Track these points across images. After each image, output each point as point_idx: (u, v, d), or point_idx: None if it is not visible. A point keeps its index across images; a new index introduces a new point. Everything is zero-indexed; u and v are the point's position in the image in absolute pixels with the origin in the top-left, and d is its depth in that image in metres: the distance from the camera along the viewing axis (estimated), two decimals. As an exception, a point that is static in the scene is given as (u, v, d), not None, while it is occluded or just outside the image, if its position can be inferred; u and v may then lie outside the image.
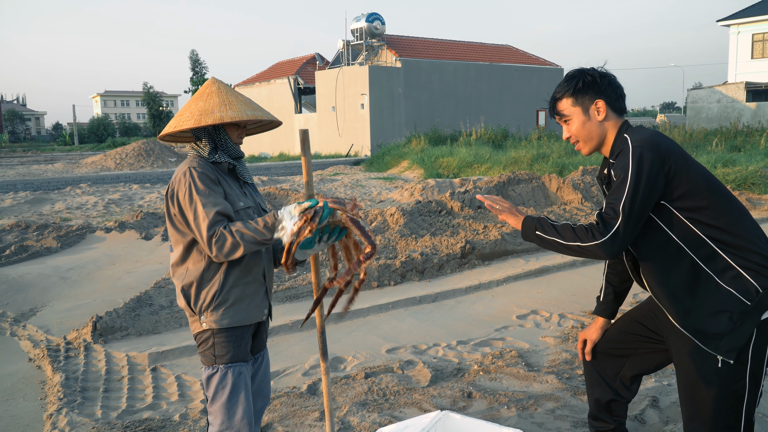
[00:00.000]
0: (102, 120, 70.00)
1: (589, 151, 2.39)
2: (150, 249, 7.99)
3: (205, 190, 2.29)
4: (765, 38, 34.21)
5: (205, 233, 2.24)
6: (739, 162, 14.60)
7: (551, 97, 2.43)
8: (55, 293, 6.24)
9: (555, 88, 2.43)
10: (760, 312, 2.12)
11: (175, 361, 4.45)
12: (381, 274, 6.40)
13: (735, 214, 2.18)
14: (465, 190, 9.82)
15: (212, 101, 2.37)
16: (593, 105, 2.32)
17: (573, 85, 2.33)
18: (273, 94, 34.40)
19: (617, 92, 2.35)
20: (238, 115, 2.32)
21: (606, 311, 2.69)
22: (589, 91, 2.32)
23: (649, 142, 2.17)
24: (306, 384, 3.96)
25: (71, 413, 3.59)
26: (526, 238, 2.37)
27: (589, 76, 2.33)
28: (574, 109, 2.34)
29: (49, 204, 13.50)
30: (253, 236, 2.22)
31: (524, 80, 33.50)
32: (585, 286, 6.26)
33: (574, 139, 2.38)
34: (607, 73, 2.36)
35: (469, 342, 4.73)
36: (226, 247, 2.23)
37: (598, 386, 2.73)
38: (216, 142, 2.43)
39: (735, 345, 2.13)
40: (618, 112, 2.35)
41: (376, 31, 29.33)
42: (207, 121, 2.30)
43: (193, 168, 2.33)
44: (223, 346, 2.39)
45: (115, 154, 26.67)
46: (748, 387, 2.18)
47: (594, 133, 2.34)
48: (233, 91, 2.44)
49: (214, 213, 2.25)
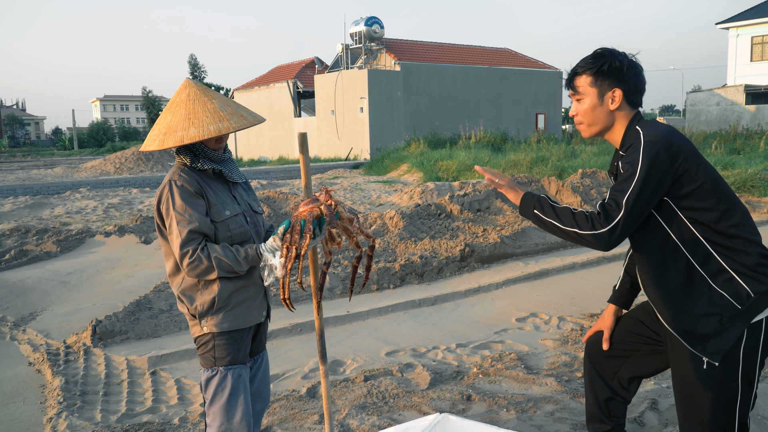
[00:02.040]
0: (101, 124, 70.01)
1: (590, 135, 2.36)
2: (149, 253, 8.00)
3: (182, 205, 2.27)
4: (764, 41, 34.28)
5: (177, 251, 2.25)
6: (738, 165, 14.62)
7: (572, 69, 2.36)
8: (54, 297, 6.25)
9: (578, 61, 2.34)
10: (749, 317, 2.12)
11: (175, 365, 4.45)
12: (380, 278, 6.40)
13: (737, 217, 2.16)
14: (464, 194, 9.83)
15: (178, 116, 2.27)
16: (610, 92, 2.26)
17: (598, 65, 2.26)
18: (272, 98, 34.43)
19: (638, 85, 2.29)
20: (199, 134, 2.22)
21: (620, 299, 2.66)
22: (612, 76, 2.25)
23: (662, 138, 2.13)
24: (305, 387, 3.96)
25: (71, 417, 3.59)
26: (524, 214, 2.33)
27: (617, 60, 2.25)
28: (590, 89, 2.29)
29: (48, 208, 13.50)
30: (229, 266, 2.27)
31: (523, 83, 33.52)
32: (584, 289, 6.27)
33: (580, 119, 2.34)
34: (636, 62, 2.29)
35: (468, 345, 4.74)
36: (198, 270, 2.26)
37: (596, 384, 2.73)
38: (194, 152, 2.39)
39: (721, 348, 2.13)
40: (632, 104, 2.30)
41: (375, 35, 29.37)
42: (169, 143, 2.23)
43: (173, 182, 2.31)
44: (223, 349, 2.40)
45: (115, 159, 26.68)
46: (740, 389, 2.18)
47: (601, 119, 2.30)
48: (204, 96, 2.33)
49: (187, 232, 2.24)
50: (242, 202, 2.51)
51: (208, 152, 2.38)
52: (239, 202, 2.49)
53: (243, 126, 2.30)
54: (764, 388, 3.68)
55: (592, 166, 15.28)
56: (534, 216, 2.28)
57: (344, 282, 6.22)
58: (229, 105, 2.36)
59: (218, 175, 2.47)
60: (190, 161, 2.37)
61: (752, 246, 2.15)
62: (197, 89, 2.35)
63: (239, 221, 2.42)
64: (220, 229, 2.35)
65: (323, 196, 2.29)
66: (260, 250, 2.28)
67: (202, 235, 2.28)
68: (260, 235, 2.54)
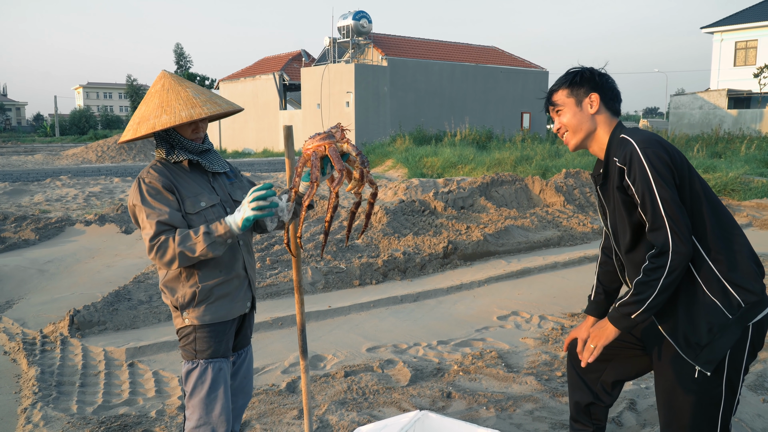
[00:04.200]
0: (84, 112, 69.05)
1: (575, 144, 2.37)
2: (130, 243, 7.91)
3: (150, 200, 2.26)
4: (747, 46, 34.68)
5: (147, 243, 2.24)
6: (719, 168, 14.79)
7: (548, 90, 2.45)
8: (32, 286, 6.16)
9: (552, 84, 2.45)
10: (739, 327, 2.12)
11: (153, 357, 4.40)
12: (363, 273, 6.39)
13: (727, 227, 2.18)
14: (449, 191, 9.83)
15: (152, 105, 2.30)
16: (587, 98, 2.33)
17: (570, 78, 2.36)
18: (258, 89, 34.23)
19: (612, 92, 2.36)
20: (170, 120, 2.24)
21: (597, 311, 2.67)
22: (585, 84, 2.33)
23: (653, 140, 2.16)
24: (285, 382, 3.94)
25: (46, 408, 3.54)
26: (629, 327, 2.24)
27: (588, 72, 2.36)
28: (567, 100, 2.36)
29: (28, 195, 13.32)
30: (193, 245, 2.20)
31: (510, 82, 33.64)
32: (566, 288, 6.30)
33: (564, 129, 2.37)
34: (606, 73, 2.38)
35: (449, 342, 4.74)
36: (166, 258, 2.23)
37: (579, 389, 2.74)
38: (170, 142, 2.38)
39: (713, 357, 2.13)
40: (611, 111, 2.35)
41: (363, 30, 29.30)
42: (141, 132, 2.26)
43: (141, 180, 2.31)
44: (205, 342, 2.37)
45: (97, 147, 26.40)
46: (724, 395, 2.19)
47: (584, 124, 2.33)
48: (179, 85, 2.34)
49: (155, 223, 2.22)
50: (222, 193, 2.47)
51: (184, 142, 2.37)
52: (218, 192, 2.45)
53: (216, 112, 2.31)
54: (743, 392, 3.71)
55: (576, 166, 15.37)
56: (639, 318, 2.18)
57: (326, 276, 6.19)
58: (203, 93, 2.36)
59: (197, 166, 2.44)
60: (166, 153, 2.36)
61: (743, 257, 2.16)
62: (172, 80, 2.36)
63: (217, 211, 2.39)
64: (196, 221, 2.32)
65: (339, 133, 2.26)
66: (227, 220, 2.22)
67: (171, 228, 2.25)
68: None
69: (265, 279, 6.08)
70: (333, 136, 2.24)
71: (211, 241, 2.21)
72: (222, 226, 2.22)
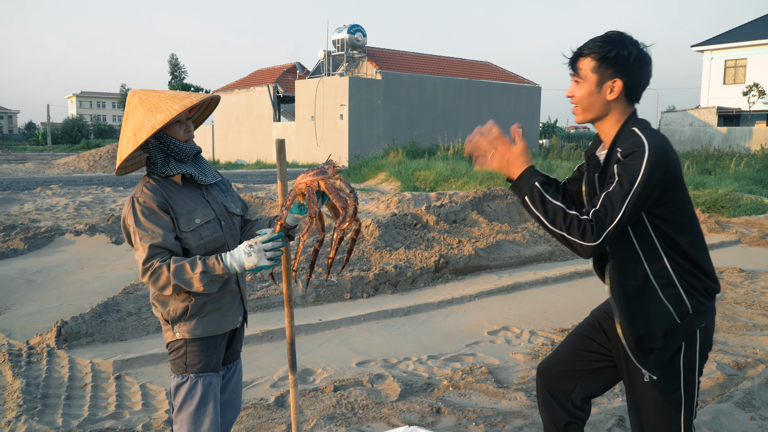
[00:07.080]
0: (77, 121, 68.75)
1: (583, 120, 2.30)
2: (120, 254, 7.87)
3: (144, 222, 2.24)
4: (737, 64, 35.07)
5: (140, 266, 2.22)
6: (709, 185, 14.90)
7: (578, 48, 2.26)
8: (19, 296, 6.10)
9: (587, 41, 2.25)
10: (686, 332, 2.18)
11: (141, 370, 4.37)
12: (354, 286, 6.37)
13: (695, 238, 2.20)
14: (441, 204, 9.85)
15: (139, 114, 2.29)
16: (611, 81, 2.18)
17: (605, 51, 2.17)
18: (252, 101, 34.26)
19: (641, 79, 2.21)
20: (167, 116, 2.24)
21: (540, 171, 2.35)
22: (616, 65, 2.16)
23: (662, 151, 2.08)
24: (274, 396, 3.91)
25: (30, 420, 3.50)
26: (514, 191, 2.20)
27: (626, 50, 2.15)
28: (591, 75, 2.20)
29: (18, 204, 13.24)
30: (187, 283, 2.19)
31: (502, 97, 33.83)
32: (556, 303, 6.30)
33: (575, 101, 2.28)
34: (646, 54, 2.20)
35: (439, 357, 4.72)
36: (159, 284, 2.21)
37: (553, 410, 2.71)
38: (165, 151, 2.35)
39: (658, 362, 2.21)
40: (630, 99, 2.23)
41: (358, 43, 29.43)
42: (143, 137, 2.23)
43: (135, 199, 2.28)
44: (195, 356, 2.35)
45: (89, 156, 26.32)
46: (684, 398, 2.24)
47: (596, 107, 2.23)
48: (154, 92, 2.35)
49: (149, 247, 2.20)
50: (216, 206, 2.44)
51: (179, 146, 2.34)
52: (213, 206, 2.43)
53: (200, 98, 2.33)
54: (728, 408, 3.72)
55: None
56: (523, 203, 2.18)
57: (317, 289, 6.17)
58: (179, 92, 2.38)
59: (190, 180, 2.42)
60: (160, 165, 2.32)
61: (703, 273, 2.21)
62: (144, 91, 2.37)
63: (212, 227, 2.37)
64: (191, 239, 2.30)
65: (331, 170, 2.25)
66: (226, 261, 2.20)
67: (165, 251, 2.23)
68: (236, 239, 2.48)
69: (256, 291, 6.05)
70: (325, 172, 2.24)
71: (208, 280, 2.20)
72: (220, 267, 2.19)
